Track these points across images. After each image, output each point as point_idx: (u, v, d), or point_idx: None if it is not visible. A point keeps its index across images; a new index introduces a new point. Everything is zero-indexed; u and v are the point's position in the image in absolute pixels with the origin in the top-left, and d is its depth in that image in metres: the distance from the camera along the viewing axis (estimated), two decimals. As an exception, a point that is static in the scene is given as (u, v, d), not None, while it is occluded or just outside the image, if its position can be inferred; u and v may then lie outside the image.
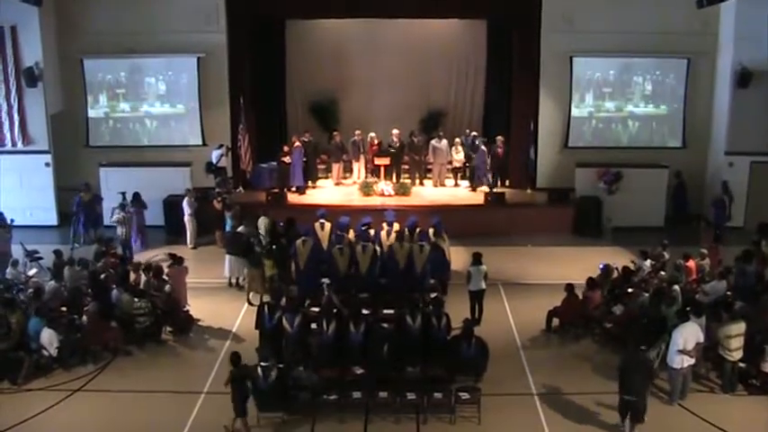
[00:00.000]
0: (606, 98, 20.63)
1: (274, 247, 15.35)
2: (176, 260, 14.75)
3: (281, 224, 16.15)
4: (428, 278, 14.40)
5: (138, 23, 20.01)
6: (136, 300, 13.52)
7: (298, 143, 20.39)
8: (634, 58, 20.33)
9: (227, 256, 15.89)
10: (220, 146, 19.84)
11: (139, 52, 20.18)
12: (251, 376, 10.89)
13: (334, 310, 12.59)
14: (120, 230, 17.28)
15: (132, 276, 14.70)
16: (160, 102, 20.70)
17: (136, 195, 18.09)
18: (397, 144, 20.91)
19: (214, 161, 19.70)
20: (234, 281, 16.01)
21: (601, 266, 14.62)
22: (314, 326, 12.52)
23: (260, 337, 12.55)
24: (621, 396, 10.73)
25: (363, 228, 15.29)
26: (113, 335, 13.14)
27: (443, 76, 23.58)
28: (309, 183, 20.92)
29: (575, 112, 20.67)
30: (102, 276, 14.31)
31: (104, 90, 20.59)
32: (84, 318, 13.21)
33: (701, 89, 20.47)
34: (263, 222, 16.74)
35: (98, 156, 20.36)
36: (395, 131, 20.98)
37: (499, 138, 20.86)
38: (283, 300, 12.73)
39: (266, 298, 14.29)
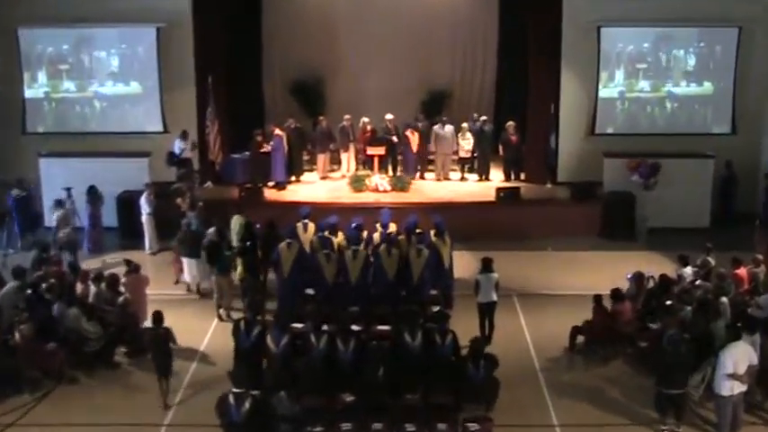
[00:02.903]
0: (640, 76, 20.63)
1: (248, 243, 15.45)
2: (132, 267, 14.69)
3: (259, 226, 16.11)
4: (428, 288, 14.35)
5: (86, -14, 19.97)
6: (85, 318, 13.38)
7: (279, 132, 20.29)
8: (673, 28, 20.32)
9: (184, 260, 16.04)
10: (184, 134, 19.69)
11: (87, 21, 20.06)
12: (172, 338, 12.53)
13: (324, 327, 12.53)
14: (60, 232, 17.17)
15: (79, 287, 14.58)
16: (112, 80, 20.67)
17: (91, 189, 18.08)
18: (393, 133, 20.89)
19: (177, 151, 19.60)
20: (195, 287, 16.18)
21: (628, 277, 14.58)
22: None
23: (235, 358, 12.48)
24: (665, 392, 11.22)
25: (354, 229, 15.21)
26: (55, 358, 12.99)
27: (447, 51, 23.63)
28: (294, 177, 20.91)
29: (603, 92, 20.66)
30: (44, 287, 14.14)
31: (44, 66, 20.53)
32: (18, 337, 13.05)
33: (754, 64, 20.48)
34: (236, 222, 16.68)
35: (37, 144, 20.31)
36: (388, 117, 20.93)
37: (510, 123, 20.92)
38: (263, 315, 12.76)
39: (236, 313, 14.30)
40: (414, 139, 20.68)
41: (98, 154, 19.86)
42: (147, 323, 14.22)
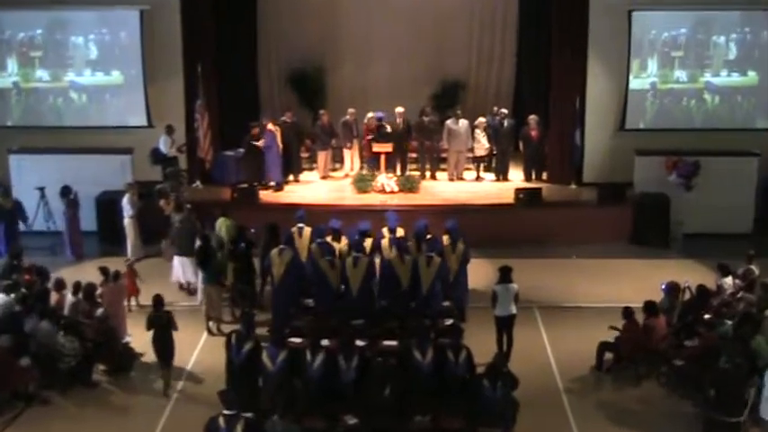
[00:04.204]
0: (676, 65, 20.68)
1: (242, 244, 15.64)
2: (110, 276, 14.70)
3: (253, 231, 16.17)
4: (439, 299, 14.35)
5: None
6: (60, 332, 13.38)
7: (271, 127, 20.30)
8: (714, 12, 20.37)
9: (177, 258, 16.36)
10: (169, 129, 19.71)
11: (63, 2, 20.18)
12: (173, 323, 13.18)
13: (324, 342, 12.55)
14: None
15: (54, 297, 14.60)
16: (91, 69, 20.77)
17: (65, 190, 18.13)
18: (401, 126, 20.87)
19: (162, 148, 19.64)
20: (186, 286, 16.52)
21: (663, 287, 14.54)
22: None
23: (227, 376, 12.51)
24: (723, 419, 11.03)
25: (360, 236, 15.23)
26: (26, 377, 12.99)
27: (462, 37, 23.71)
28: (291, 177, 20.98)
29: (634, 83, 20.69)
30: (12, 297, 14.15)
31: (14, 52, 20.64)
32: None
33: (804, 51, 20.46)
34: (222, 224, 16.70)
35: (6, 139, 20.37)
36: (398, 110, 20.93)
37: (532, 117, 20.93)
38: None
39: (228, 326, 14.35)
40: None
41: (75, 150, 19.86)
42: (128, 338, 14.36)
